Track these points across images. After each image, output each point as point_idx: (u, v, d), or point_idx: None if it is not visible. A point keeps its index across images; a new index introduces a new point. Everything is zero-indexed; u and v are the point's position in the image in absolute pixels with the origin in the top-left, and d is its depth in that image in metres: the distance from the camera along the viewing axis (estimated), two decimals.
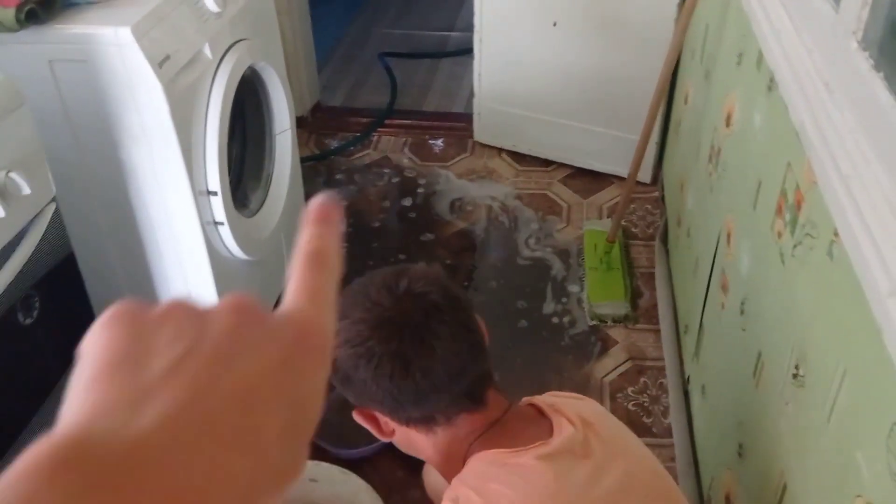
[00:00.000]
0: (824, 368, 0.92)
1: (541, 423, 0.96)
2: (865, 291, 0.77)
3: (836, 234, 0.89)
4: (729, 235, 1.47)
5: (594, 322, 2.06)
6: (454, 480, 0.92)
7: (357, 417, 0.98)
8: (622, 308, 2.08)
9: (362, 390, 0.91)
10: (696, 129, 1.90)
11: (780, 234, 1.13)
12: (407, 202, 2.53)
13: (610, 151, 2.52)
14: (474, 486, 0.89)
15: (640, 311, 2.09)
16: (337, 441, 1.61)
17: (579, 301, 2.13)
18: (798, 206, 1.05)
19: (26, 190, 1.16)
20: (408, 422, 0.95)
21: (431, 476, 1.27)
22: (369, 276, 0.95)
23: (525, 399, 1.03)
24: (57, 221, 1.27)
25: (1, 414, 1.23)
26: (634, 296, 2.13)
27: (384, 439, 1.00)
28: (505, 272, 2.25)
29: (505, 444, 0.92)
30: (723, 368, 1.48)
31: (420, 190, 2.58)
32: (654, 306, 2.08)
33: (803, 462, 0.98)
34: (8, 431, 1.24)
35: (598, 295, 2.12)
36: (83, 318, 1.42)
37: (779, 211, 1.14)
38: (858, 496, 0.79)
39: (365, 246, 2.37)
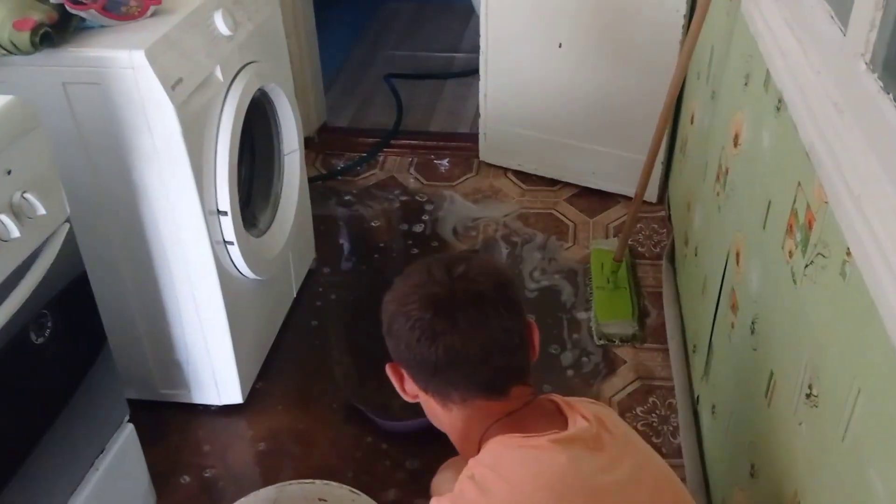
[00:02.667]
0: (838, 388, 0.92)
1: (556, 417, 1.00)
2: (880, 310, 0.77)
3: (848, 254, 0.89)
4: (738, 255, 1.47)
5: (602, 342, 2.06)
6: (471, 461, 0.96)
7: (388, 370, 1.06)
8: (630, 327, 2.08)
9: (396, 344, 1.00)
10: (703, 148, 1.91)
11: (790, 254, 1.14)
12: (412, 222, 2.54)
13: (616, 171, 2.53)
14: (490, 465, 0.93)
15: (647, 330, 2.09)
16: (382, 413, 1.80)
17: (587, 321, 2.13)
18: (809, 225, 1.06)
19: (41, 210, 1.16)
20: (426, 388, 1.02)
21: (441, 486, 1.27)
22: (441, 256, 1.13)
23: (544, 395, 1.05)
24: (70, 241, 1.28)
25: (13, 432, 1.23)
26: (642, 315, 2.14)
27: (406, 398, 1.06)
28: None
29: (520, 432, 0.96)
30: (734, 388, 1.47)
31: (426, 209, 2.59)
32: (662, 325, 2.08)
33: (817, 481, 0.98)
34: (19, 450, 1.24)
35: (606, 314, 2.12)
36: (94, 337, 1.42)
37: (789, 230, 1.15)
38: None
39: (369, 266, 2.37)
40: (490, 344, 0.97)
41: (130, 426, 1.53)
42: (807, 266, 1.06)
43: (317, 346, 2.10)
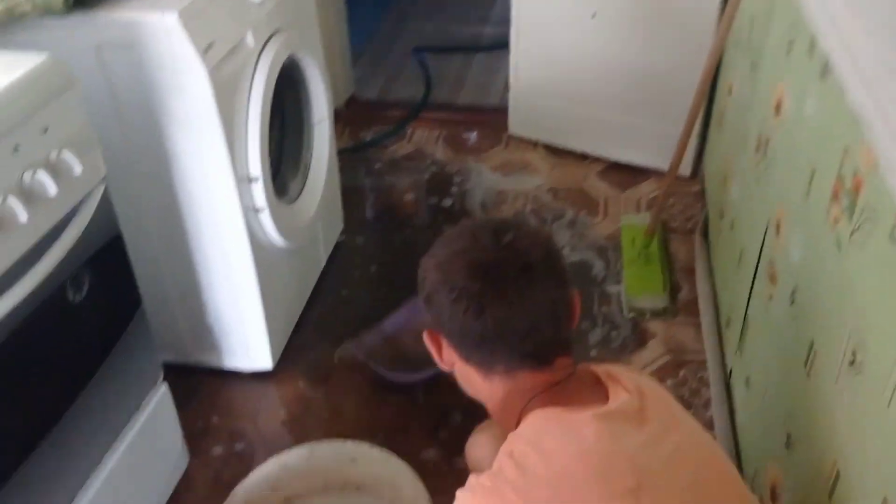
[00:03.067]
0: (885, 353, 0.89)
1: (597, 390, 0.97)
2: None
3: None
4: (778, 225, 1.45)
5: (632, 315, 2.04)
6: (510, 435, 0.94)
7: (426, 337, 1.03)
8: (661, 301, 2.06)
9: (438, 313, 0.97)
10: (742, 119, 1.87)
11: (836, 221, 1.11)
12: (441, 194, 2.53)
13: (648, 145, 2.49)
14: (530, 441, 0.90)
15: (679, 304, 2.07)
16: (391, 367, 1.80)
17: (617, 295, 2.11)
18: (856, 190, 1.03)
19: (78, 169, 1.17)
20: (468, 359, 0.99)
21: (475, 451, 1.26)
22: (485, 219, 1.04)
23: (582, 365, 1.03)
24: (106, 202, 1.28)
25: (50, 389, 1.25)
26: (673, 290, 2.11)
27: (442, 367, 1.04)
28: None
29: (561, 404, 0.93)
30: (770, 360, 1.45)
31: (454, 182, 2.58)
32: (694, 300, 2.06)
33: (859, 450, 0.96)
34: (57, 406, 1.26)
35: (636, 288, 2.10)
36: (129, 298, 1.43)
37: (834, 197, 1.12)
38: None
39: (396, 239, 2.36)
40: (539, 315, 0.95)
41: (165, 386, 1.55)
42: (853, 232, 1.03)
43: (345, 314, 2.11)
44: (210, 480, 1.67)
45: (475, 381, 1.01)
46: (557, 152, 2.67)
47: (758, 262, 1.57)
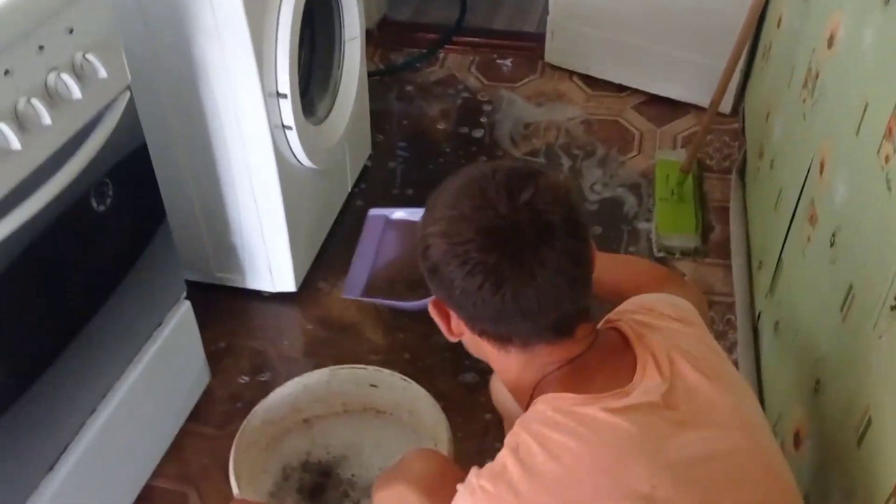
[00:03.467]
0: None
1: (623, 360, 0.88)
2: None
3: None
4: (822, 164, 1.38)
5: (661, 254, 2.00)
6: (517, 423, 0.86)
7: (432, 309, 0.93)
8: (692, 241, 2.01)
9: (447, 287, 0.86)
10: (790, 53, 1.78)
11: (887, 159, 1.05)
12: (471, 122, 2.47)
13: (689, 78, 2.40)
14: (536, 435, 0.82)
15: (710, 245, 2.02)
16: (397, 297, 1.73)
17: (647, 232, 2.07)
18: None
19: (102, 73, 1.13)
20: (482, 333, 0.90)
21: (499, 386, 1.24)
22: (492, 169, 0.86)
23: (611, 316, 0.94)
24: (131, 110, 1.26)
25: (73, 299, 1.25)
26: (705, 229, 2.06)
27: (451, 338, 0.95)
28: None
29: (577, 387, 0.85)
30: (803, 304, 1.41)
31: (485, 110, 2.51)
32: (726, 241, 2.01)
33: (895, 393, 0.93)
34: (80, 316, 1.26)
35: (668, 227, 2.05)
36: (154, 211, 1.42)
37: (888, 135, 1.06)
38: None
39: (424, 167, 2.32)
40: (560, 285, 0.84)
41: (187, 303, 1.55)
42: None
43: None
44: (229, 399, 1.69)
45: (488, 353, 0.93)
46: (594, 83, 2.59)
47: (797, 203, 1.52)
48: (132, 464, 1.47)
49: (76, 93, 1.09)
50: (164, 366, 1.48)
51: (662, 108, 2.48)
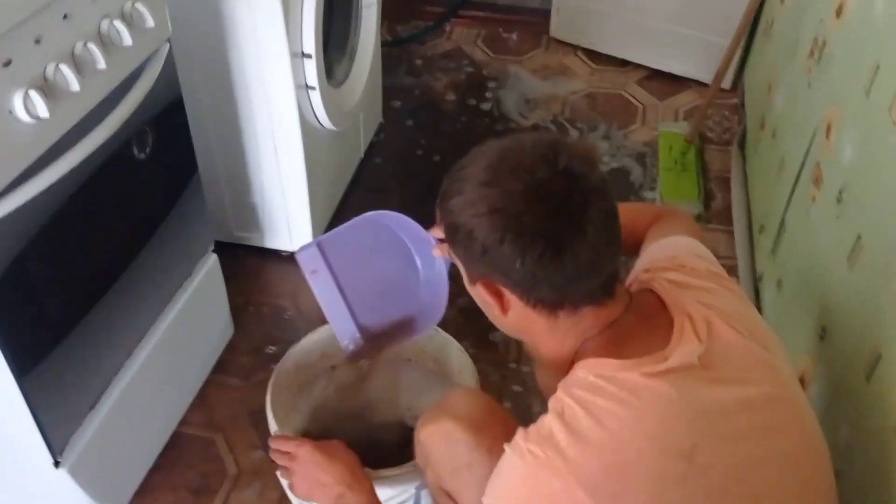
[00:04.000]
0: None
1: (659, 323, 0.89)
2: None
3: None
4: (829, 128, 1.45)
5: None
6: (560, 387, 0.88)
7: (480, 289, 0.92)
8: (695, 208, 2.08)
9: (503, 264, 0.86)
10: (795, 26, 1.85)
11: None
12: (478, 94, 2.52)
13: (691, 54, 2.47)
14: (580, 400, 0.84)
15: (712, 212, 2.09)
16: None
17: (652, 201, 2.14)
18: None
19: (150, 22, 1.18)
20: (535, 303, 0.90)
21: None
22: (516, 142, 0.88)
23: (643, 277, 0.97)
24: (170, 62, 1.30)
25: (115, 242, 1.29)
26: (708, 197, 2.13)
27: (503, 319, 0.94)
28: None
29: (616, 352, 0.87)
30: (807, 259, 1.48)
31: (492, 83, 2.56)
32: (727, 208, 2.08)
33: None
34: (120, 261, 1.30)
35: (672, 194, 2.12)
36: (187, 162, 1.46)
37: None
38: None
39: (431, 139, 2.37)
40: (608, 243, 0.87)
41: (214, 256, 1.59)
42: None
43: (380, 205, 2.13)
44: (252, 352, 1.74)
45: (535, 324, 0.92)
46: (598, 58, 2.65)
47: (801, 167, 1.59)
48: (163, 410, 1.52)
49: (127, 39, 1.13)
50: (192, 315, 1.53)
51: (664, 82, 2.54)
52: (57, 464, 1.21)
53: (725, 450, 0.84)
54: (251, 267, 1.92)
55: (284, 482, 1.24)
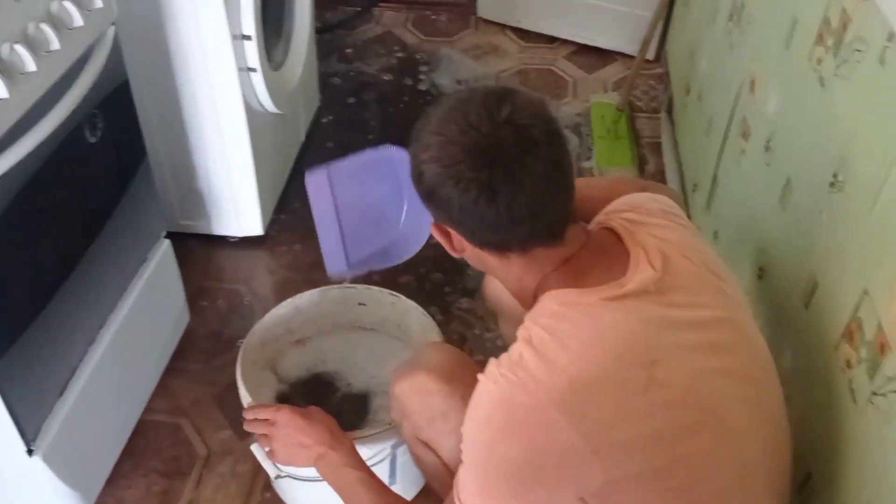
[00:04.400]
0: (868, 165, 1.01)
1: (616, 256, 0.95)
2: None
3: (889, 39, 0.97)
4: (753, 83, 1.55)
5: None
6: (526, 318, 0.93)
7: (434, 231, 1.00)
8: (630, 173, 2.17)
9: (444, 208, 0.92)
10: None
11: (819, 62, 1.21)
12: (414, 76, 2.56)
13: (615, 28, 2.57)
14: (546, 326, 0.89)
15: (646, 175, 2.19)
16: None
17: (590, 169, 2.22)
18: (844, 28, 1.13)
19: (98, 3, 1.17)
20: (482, 245, 0.96)
21: (493, 285, 1.34)
22: (469, 94, 0.92)
23: (601, 219, 1.03)
24: (117, 44, 1.29)
25: (74, 231, 1.28)
26: (641, 162, 2.23)
27: (454, 255, 1.01)
28: None
29: (576, 283, 0.92)
30: (740, 208, 1.58)
31: (424, 64, 2.61)
32: (661, 171, 2.18)
33: (837, 256, 1.09)
34: (77, 248, 1.29)
35: (607, 161, 2.21)
36: (136, 146, 1.45)
37: (819, 40, 1.22)
38: None
39: (368, 117, 2.40)
40: (549, 191, 0.90)
41: (167, 241, 1.59)
42: (838, 66, 1.14)
43: None
44: (210, 337, 1.74)
45: (490, 263, 0.99)
46: (526, 35, 2.72)
47: (729, 123, 1.69)
48: (128, 396, 1.51)
49: (77, 20, 1.12)
50: (149, 301, 1.52)
51: (591, 56, 2.64)
52: (30, 452, 1.20)
53: (682, 364, 0.89)
54: (200, 255, 1.92)
55: (260, 455, 1.25)
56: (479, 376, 0.90)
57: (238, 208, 1.89)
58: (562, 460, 0.85)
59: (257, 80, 1.73)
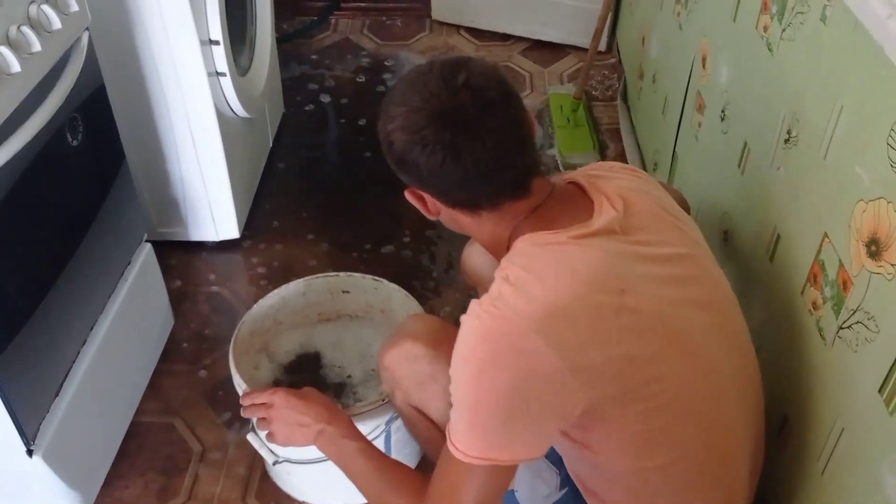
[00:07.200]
0: (818, 116, 1.09)
1: (582, 204, 1.02)
2: (865, 23, 0.93)
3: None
4: (704, 58, 1.64)
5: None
6: (503, 261, 0.99)
7: (408, 195, 1.06)
8: (592, 158, 2.25)
9: (414, 172, 0.98)
10: None
11: (766, 28, 1.30)
12: (376, 80, 2.61)
13: (566, 22, 2.65)
14: (521, 264, 0.96)
15: (608, 160, 2.27)
16: None
17: (553, 157, 2.29)
18: None
19: (75, 6, 1.20)
20: (454, 204, 1.02)
21: (471, 260, 1.39)
22: (428, 65, 0.99)
23: (566, 176, 1.10)
24: (91, 49, 1.31)
25: (60, 234, 1.30)
26: (602, 147, 2.31)
27: (430, 217, 1.07)
28: None
29: (545, 228, 0.98)
30: (702, 178, 1.66)
31: (384, 68, 2.66)
32: (621, 154, 2.26)
33: (795, 206, 1.16)
34: (65, 250, 1.31)
35: (569, 148, 2.28)
36: (115, 150, 1.48)
37: (764, 9, 1.31)
38: (860, 200, 0.96)
39: (333, 120, 2.44)
40: (510, 146, 0.97)
41: (149, 245, 1.61)
42: (784, 30, 1.22)
43: (294, 187, 2.20)
44: (194, 338, 1.76)
45: (463, 222, 1.05)
46: (480, 35, 2.79)
47: (684, 99, 1.77)
48: (121, 396, 1.53)
49: (56, 23, 1.15)
50: (135, 303, 1.54)
51: (545, 51, 2.72)
52: (30, 452, 1.21)
53: (650, 293, 0.96)
54: (179, 261, 1.93)
55: (256, 443, 1.28)
56: (462, 317, 0.96)
57: (214, 213, 1.91)
58: (546, 386, 0.90)
59: (227, 84, 1.76)
